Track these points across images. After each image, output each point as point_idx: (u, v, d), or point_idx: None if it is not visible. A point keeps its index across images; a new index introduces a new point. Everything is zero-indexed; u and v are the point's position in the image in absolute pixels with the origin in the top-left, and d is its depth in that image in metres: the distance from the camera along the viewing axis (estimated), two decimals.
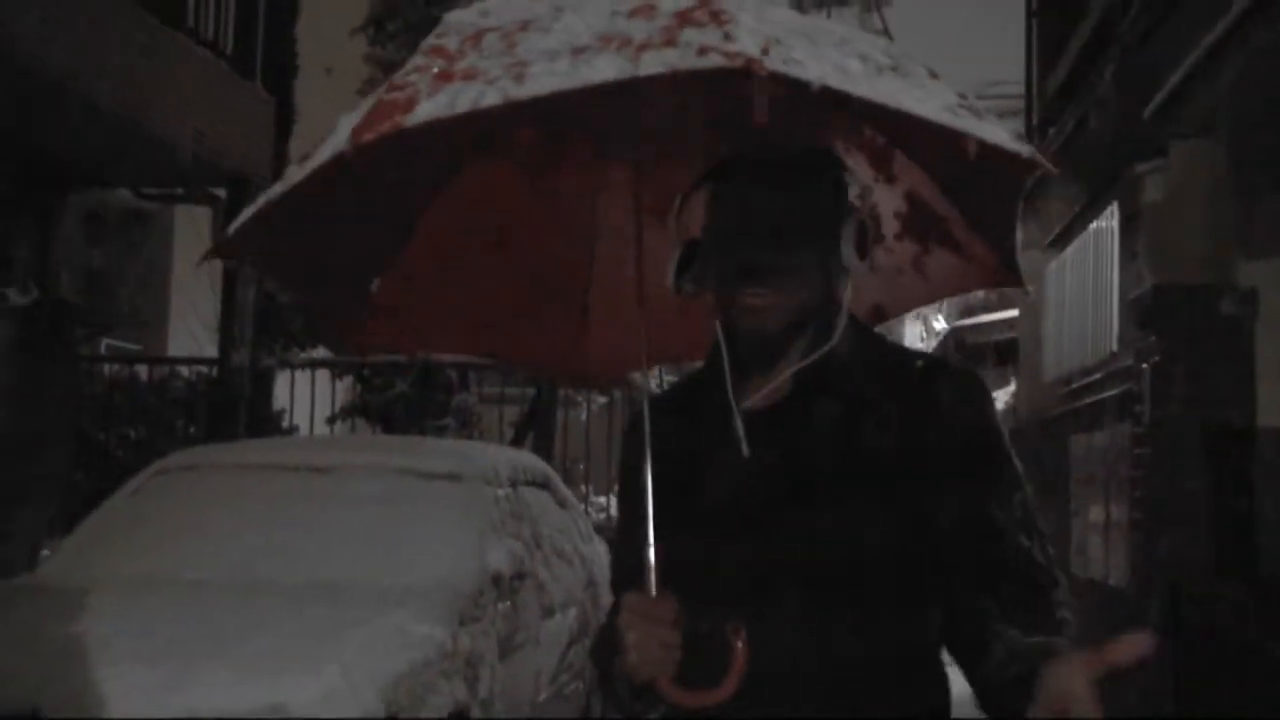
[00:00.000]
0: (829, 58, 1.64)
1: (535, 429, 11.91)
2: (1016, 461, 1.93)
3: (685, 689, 1.80)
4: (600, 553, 8.33)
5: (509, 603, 5.92)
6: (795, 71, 1.56)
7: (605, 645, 1.92)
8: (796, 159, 1.94)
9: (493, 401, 11.67)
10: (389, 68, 13.61)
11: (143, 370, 10.78)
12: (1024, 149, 1.72)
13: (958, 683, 1.94)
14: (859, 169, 2.05)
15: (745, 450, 1.92)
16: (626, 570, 2.00)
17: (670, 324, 2.18)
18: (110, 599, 5.16)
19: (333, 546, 5.69)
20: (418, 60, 1.79)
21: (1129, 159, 7.07)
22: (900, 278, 2.25)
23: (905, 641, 1.87)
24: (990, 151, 1.69)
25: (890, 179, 2.10)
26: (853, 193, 1.98)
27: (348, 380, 12.34)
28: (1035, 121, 11.74)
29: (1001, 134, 1.70)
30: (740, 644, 1.80)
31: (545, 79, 1.60)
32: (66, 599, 5.16)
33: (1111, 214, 8.03)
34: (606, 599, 8.16)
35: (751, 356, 1.98)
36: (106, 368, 10.83)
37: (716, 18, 1.62)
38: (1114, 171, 7.58)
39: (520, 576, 6.08)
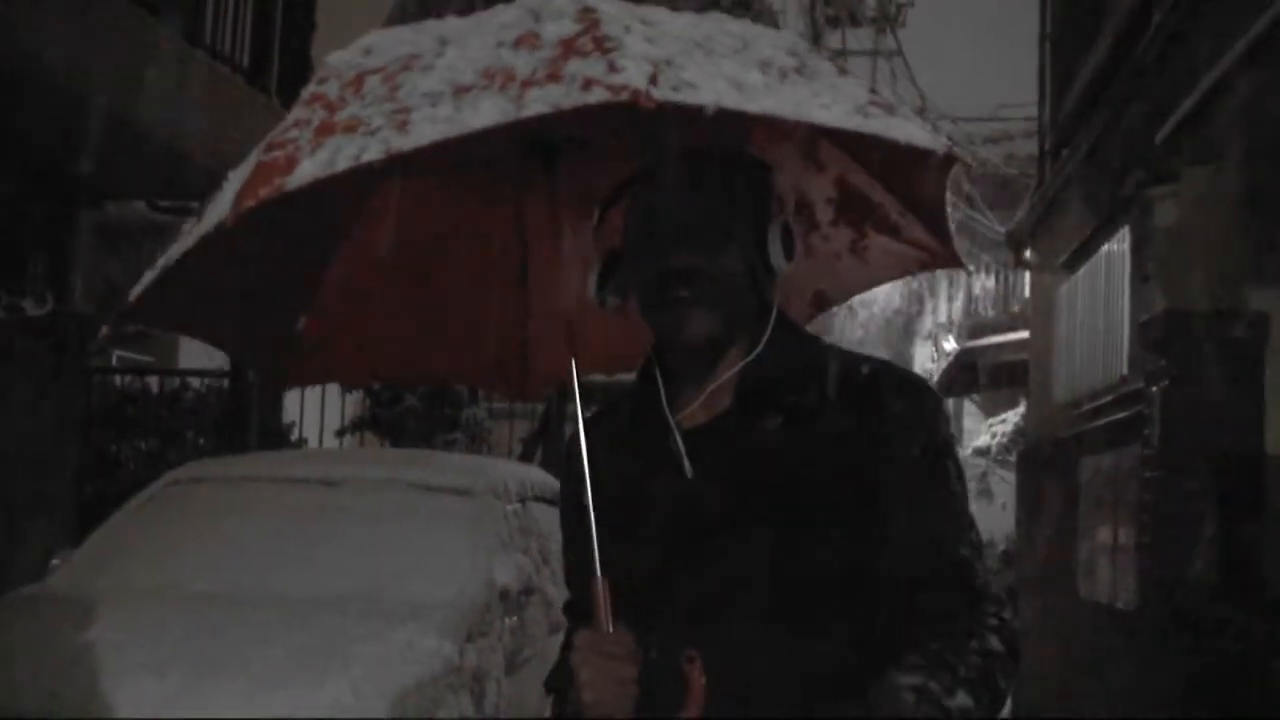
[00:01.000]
0: (725, 71, 1.59)
1: (544, 444, 11.92)
2: (963, 476, 1.89)
3: None
4: None
5: (516, 618, 5.92)
6: (686, 97, 1.51)
7: (556, 677, 1.89)
8: (716, 162, 1.87)
9: (502, 416, 11.69)
10: None
11: (154, 382, 10.79)
12: (938, 145, 1.68)
13: None
14: (786, 158, 2.00)
15: (687, 469, 1.86)
16: (575, 599, 1.98)
17: (613, 328, 2.14)
18: (120, 610, 5.17)
19: (341, 560, 5.70)
20: (298, 112, 1.72)
21: (1141, 183, 7.08)
22: (839, 263, 2.21)
23: (863, 654, 1.79)
24: (904, 148, 1.64)
25: (819, 167, 2.05)
26: (778, 194, 1.93)
27: (357, 394, 12.36)
28: (1048, 145, 11.76)
29: (913, 131, 1.65)
30: (696, 673, 1.75)
31: (427, 127, 1.54)
32: (76, 609, 5.17)
33: (1123, 237, 8.04)
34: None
35: (684, 369, 1.93)
36: (118, 379, 10.85)
37: (600, 44, 1.57)
38: (1126, 195, 7.59)
39: (528, 592, 6.09)
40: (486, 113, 1.52)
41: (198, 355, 13.13)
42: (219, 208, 1.68)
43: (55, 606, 5.36)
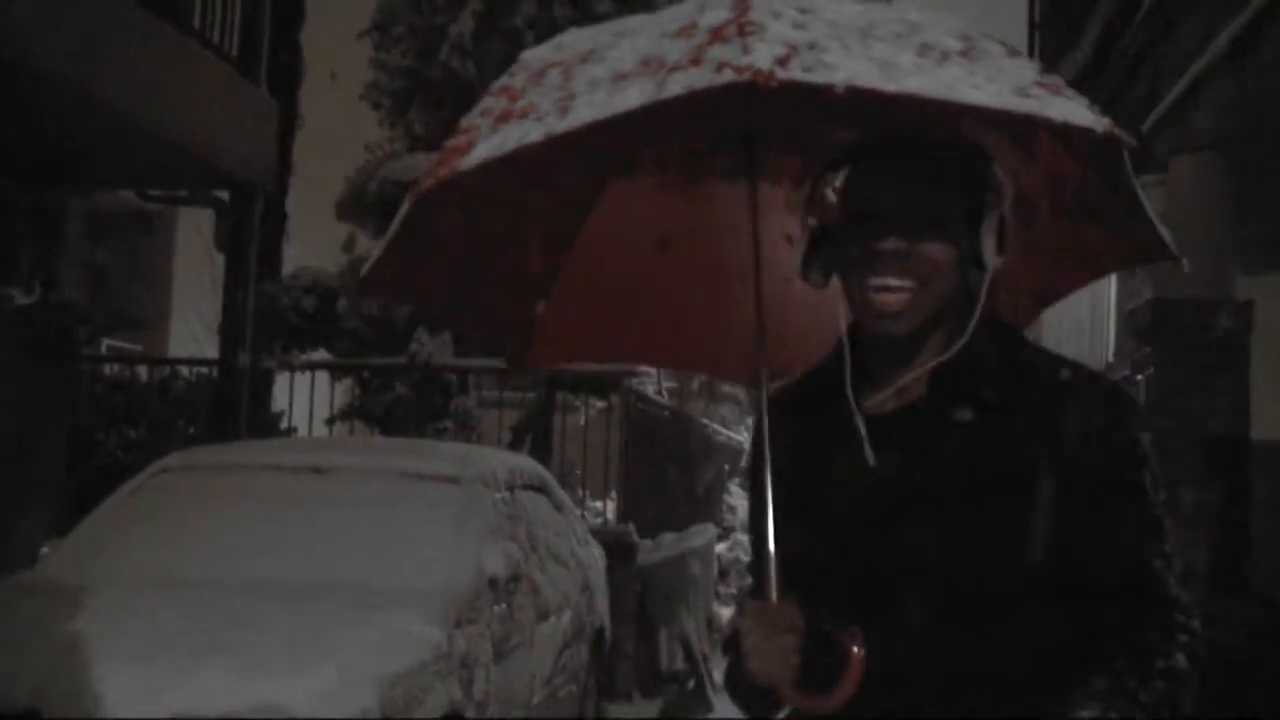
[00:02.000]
0: (876, 53, 1.63)
1: (533, 433, 11.93)
2: (1160, 489, 1.84)
3: (803, 693, 1.81)
4: (596, 557, 8.35)
5: (505, 605, 5.94)
6: (817, 77, 1.56)
7: (732, 645, 1.91)
8: (937, 147, 1.85)
9: (491, 405, 11.70)
10: (393, 72, 13.69)
11: (144, 371, 10.80)
12: (1098, 124, 1.64)
13: None
14: (1003, 150, 1.95)
15: (870, 456, 1.86)
16: (755, 572, 2.01)
17: (811, 318, 2.17)
18: (109, 597, 5.18)
19: (330, 547, 5.71)
20: (486, 102, 1.86)
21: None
22: (1060, 259, 2.19)
23: (1026, 659, 1.79)
24: (1067, 129, 1.66)
25: (1033, 158, 2.01)
26: (997, 185, 1.88)
27: (347, 382, 12.36)
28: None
29: (1073, 109, 1.64)
30: (856, 650, 1.79)
31: (583, 110, 1.66)
32: (65, 597, 5.18)
33: None
34: (601, 603, 8.22)
35: (878, 354, 1.91)
36: (108, 368, 10.85)
37: (743, 30, 1.64)
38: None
39: (516, 579, 6.10)
40: (633, 96, 1.63)
41: (188, 344, 13.14)
42: (413, 191, 1.84)
43: (44, 594, 5.37)
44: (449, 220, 1.93)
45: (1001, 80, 1.65)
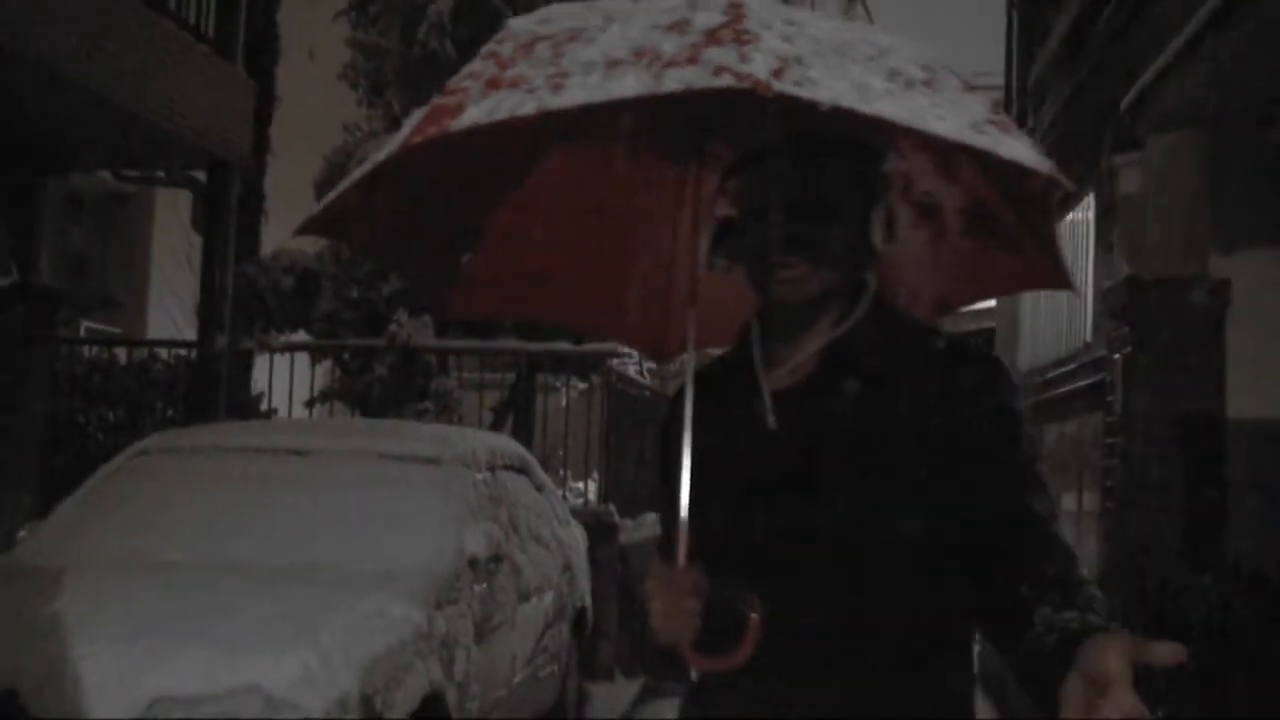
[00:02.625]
0: (852, 75, 1.74)
1: (515, 414, 11.93)
2: (1030, 440, 2.02)
3: (702, 654, 1.91)
4: (577, 537, 8.37)
5: (485, 586, 5.95)
6: (806, 92, 1.66)
7: (635, 613, 2.05)
8: (833, 145, 2.00)
9: (472, 386, 11.69)
10: (371, 51, 13.62)
11: (122, 353, 10.75)
12: (1043, 166, 1.78)
13: None
14: (922, 167, 2.13)
15: (771, 424, 2.01)
16: (665, 542, 2.11)
17: (727, 303, 2.27)
18: (87, 579, 5.17)
19: (310, 529, 5.71)
20: (474, 65, 1.92)
21: (1106, 150, 7.12)
22: (963, 273, 2.34)
23: (920, 618, 1.92)
24: (1013, 166, 1.78)
25: (954, 178, 2.16)
26: (885, 181, 2.06)
27: (327, 364, 12.34)
28: (1015, 112, 11.79)
29: (1022, 150, 1.78)
30: (754, 613, 1.90)
31: (577, 91, 1.74)
32: (43, 579, 5.17)
33: (1088, 205, 8.08)
34: (583, 583, 8.23)
35: (780, 333, 2.07)
36: (86, 350, 10.81)
37: (739, 38, 1.72)
38: (1091, 163, 7.63)
39: (497, 560, 6.11)
40: (629, 85, 1.72)
41: (166, 326, 13.10)
42: (396, 139, 1.90)
43: (23, 577, 5.36)
44: (414, 168, 1.99)
45: (960, 113, 1.77)
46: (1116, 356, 6.50)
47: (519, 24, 2.02)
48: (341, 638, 4.72)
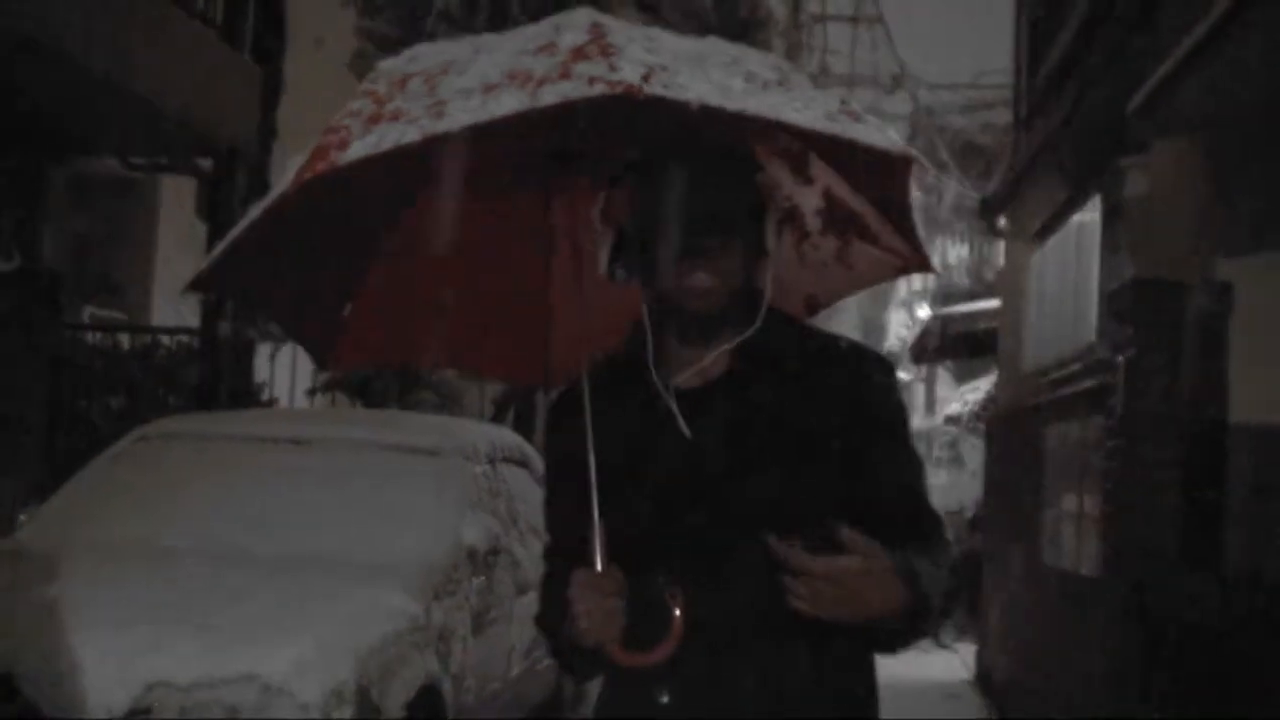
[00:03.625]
0: (714, 78, 1.85)
1: (516, 407, 11.93)
2: (910, 433, 2.20)
3: (628, 651, 2.00)
4: None
5: (483, 578, 5.96)
6: (675, 94, 1.77)
7: (550, 614, 2.13)
8: (719, 154, 2.07)
9: (473, 378, 11.69)
10: (379, 40, 13.59)
11: (125, 339, 10.75)
12: (895, 147, 1.94)
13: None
14: (779, 173, 2.22)
15: (684, 427, 2.07)
16: (560, 542, 2.23)
17: (611, 316, 2.33)
18: (86, 564, 5.18)
19: (309, 518, 5.72)
20: (352, 105, 2.02)
21: (1113, 153, 7.10)
22: (826, 270, 2.45)
23: None
24: (868, 151, 1.91)
25: (808, 180, 2.28)
26: (769, 188, 2.14)
27: None
28: (1023, 113, 11.77)
29: (875, 135, 1.91)
30: (677, 609, 1.99)
31: (459, 115, 1.84)
32: (43, 564, 5.18)
33: (1095, 207, 8.07)
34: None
35: (681, 337, 2.12)
36: (89, 336, 10.80)
37: (605, 51, 1.85)
38: (1098, 165, 7.61)
39: (495, 553, 6.12)
40: (507, 103, 1.81)
41: (169, 313, 13.08)
42: (282, 184, 1.99)
43: (23, 561, 5.37)
44: (292, 230, 2.09)
45: (815, 106, 1.91)
46: (1120, 359, 6.49)
47: (389, 65, 2.13)
48: (339, 627, 4.72)
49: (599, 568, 2.01)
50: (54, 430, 8.90)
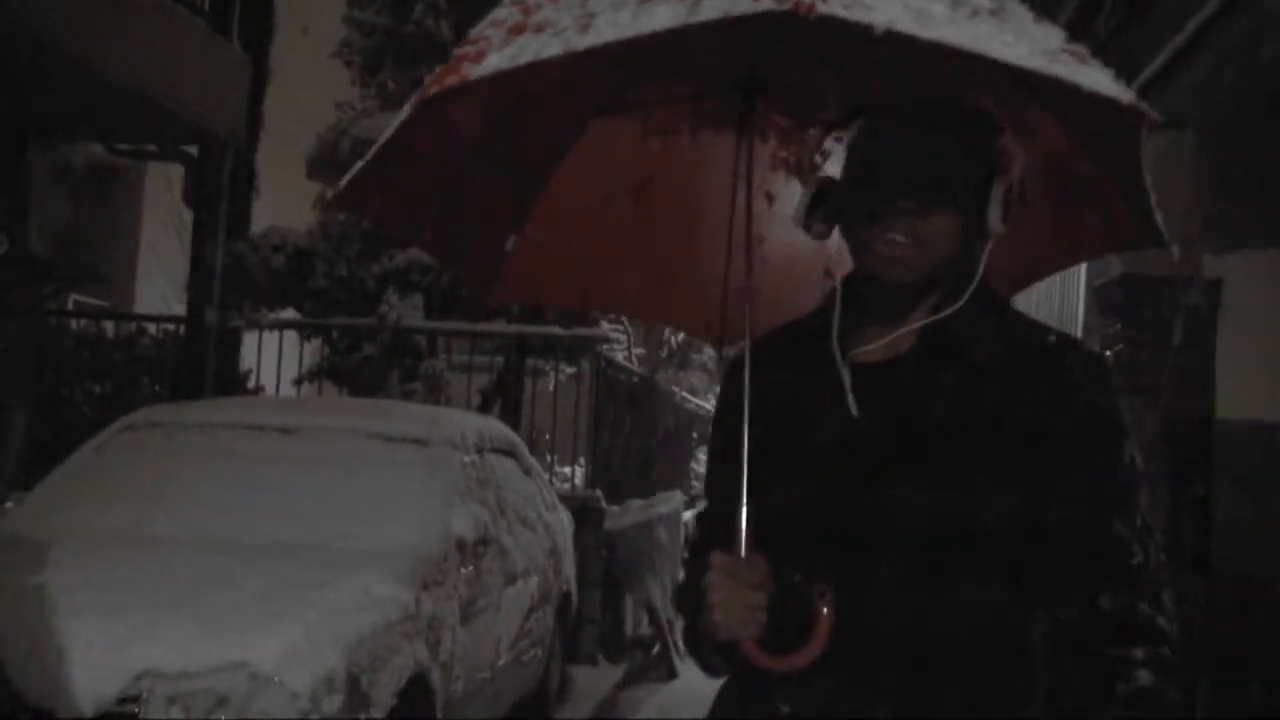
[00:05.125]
0: (910, 1, 1.58)
1: (503, 397, 11.91)
2: (1138, 459, 1.86)
3: (768, 652, 1.78)
4: (564, 522, 8.37)
5: (472, 568, 5.95)
6: (856, 15, 1.51)
7: (690, 597, 1.89)
8: (951, 112, 1.87)
9: (461, 368, 11.66)
10: (366, 30, 13.56)
11: (110, 326, 10.72)
12: (1124, 96, 1.63)
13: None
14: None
15: (851, 405, 1.86)
16: (714, 518, 1.99)
17: (787, 288, 2.16)
18: (73, 553, 5.16)
19: (297, 507, 5.70)
20: (499, 13, 1.79)
21: None
22: (1040, 239, 2.18)
23: (993, 626, 1.80)
24: (1094, 100, 1.62)
25: (1031, 136, 2.00)
26: (1007, 157, 1.90)
27: (316, 342, 12.31)
28: None
29: (1101, 79, 1.62)
30: (826, 609, 1.77)
31: (606, 29, 1.61)
32: (28, 551, 5.16)
33: None
34: (568, 568, 8.23)
35: (873, 307, 1.92)
36: (74, 323, 10.76)
37: None
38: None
39: (484, 542, 6.11)
40: (661, 18, 1.57)
41: (155, 301, 13.05)
42: (415, 95, 1.79)
43: (8, 549, 5.34)
44: (442, 135, 1.89)
45: (1030, 42, 1.62)
46: (1108, 354, 6.51)
47: None
48: (328, 616, 4.71)
49: (741, 553, 1.80)
50: (39, 418, 8.87)
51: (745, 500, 1.82)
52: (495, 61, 1.66)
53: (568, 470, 12.15)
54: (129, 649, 4.37)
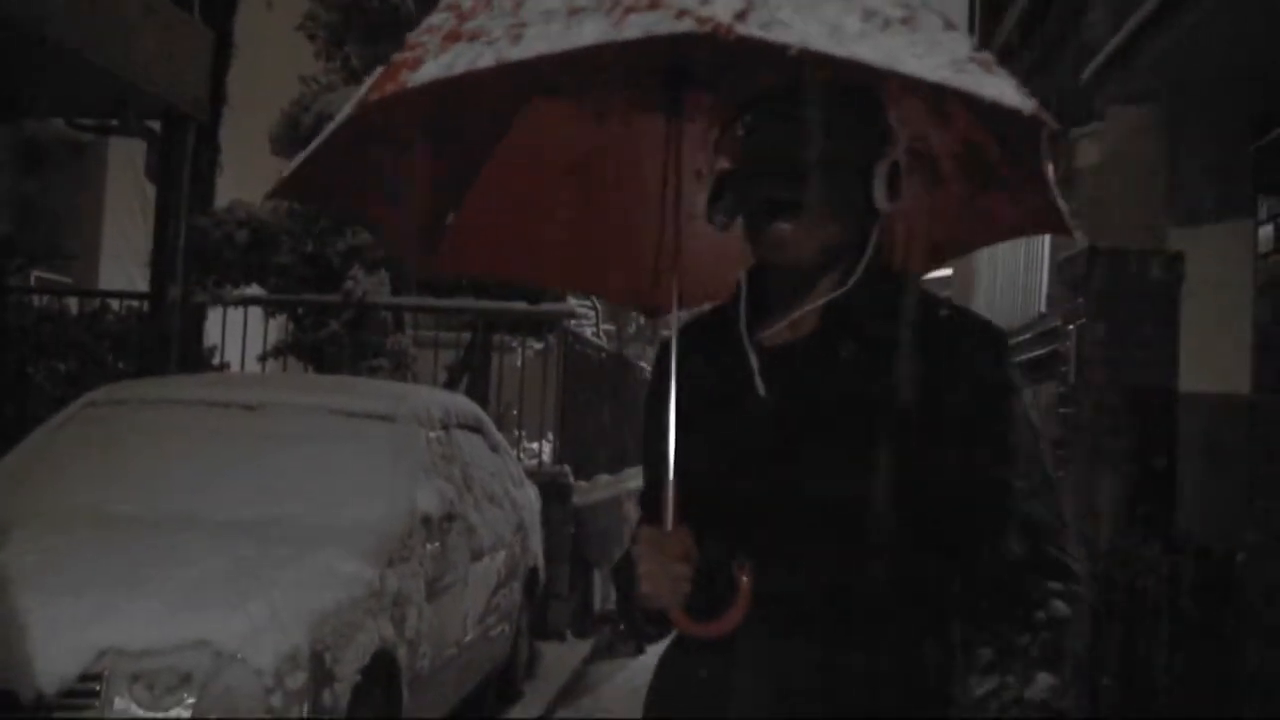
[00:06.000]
0: (825, 15, 1.65)
1: (470, 373, 11.89)
2: (1031, 417, 1.96)
3: (693, 619, 1.90)
4: (531, 498, 8.37)
5: (438, 544, 5.94)
6: (773, 35, 1.58)
7: (624, 571, 2.02)
8: (835, 95, 1.92)
9: (427, 344, 11.63)
10: (331, 3, 13.47)
11: (73, 303, 10.62)
12: (1026, 106, 1.69)
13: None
14: (915, 113, 2.05)
15: (759, 386, 1.96)
16: (649, 496, 2.10)
17: (722, 256, 2.23)
18: (35, 531, 5.13)
19: (262, 484, 5.68)
20: (433, 19, 1.87)
21: (1066, 123, 7.14)
22: (958, 220, 2.27)
23: (905, 586, 1.89)
24: (995, 109, 1.68)
25: (946, 123, 2.08)
26: (890, 134, 1.98)
27: (280, 318, 12.24)
28: None
29: (1005, 89, 1.68)
30: (745, 578, 1.88)
31: (537, 41, 1.68)
32: None
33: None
34: (536, 544, 8.23)
35: (775, 292, 2.02)
36: (36, 300, 10.66)
37: None
38: (1051, 135, 7.65)
39: (450, 519, 6.10)
40: (589, 33, 1.66)
41: (118, 277, 12.95)
42: (356, 97, 1.88)
43: None
44: (382, 125, 1.97)
45: (939, 53, 1.69)
46: (1071, 327, 6.54)
47: None
48: (292, 593, 4.70)
49: (668, 527, 1.92)
50: (1, 396, 8.80)
51: (671, 477, 1.93)
52: (432, 70, 1.74)
53: (535, 446, 12.14)
54: (91, 627, 4.35)
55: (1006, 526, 1.86)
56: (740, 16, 1.59)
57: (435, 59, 1.74)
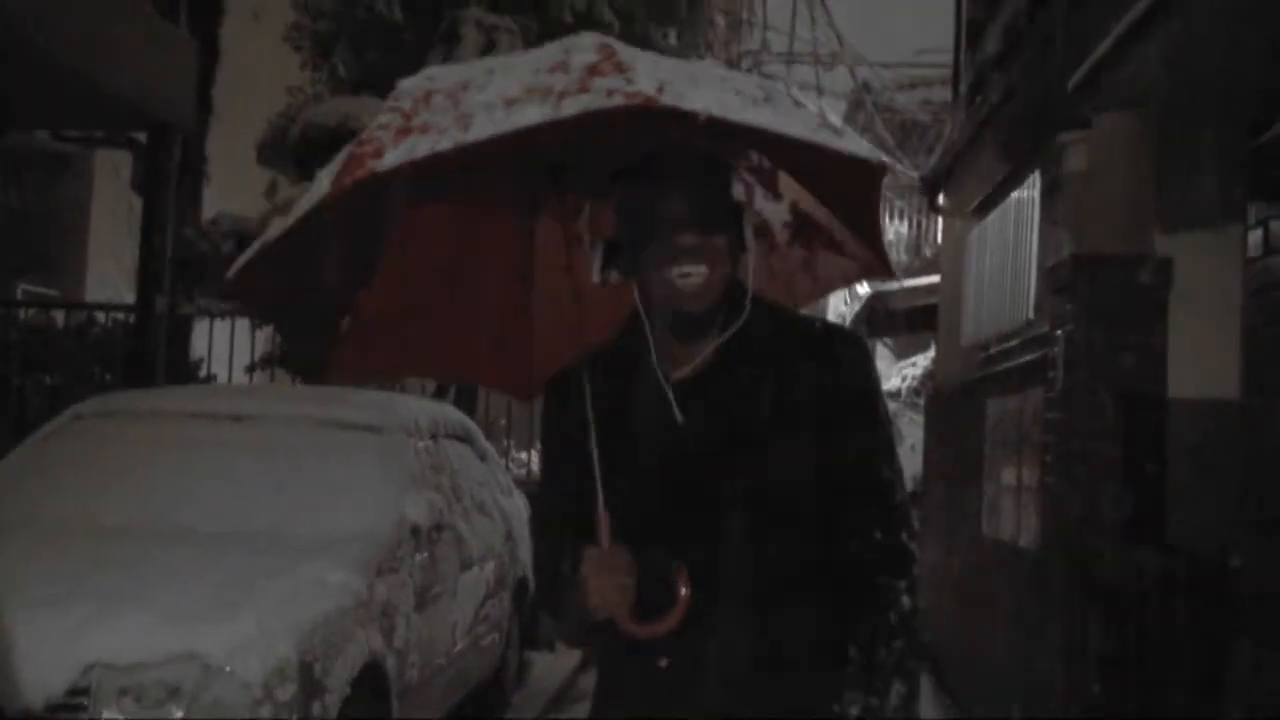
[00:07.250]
0: (712, 94, 1.99)
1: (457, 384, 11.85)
2: (886, 408, 2.35)
3: (639, 622, 2.18)
4: (520, 507, 8.35)
5: (427, 554, 5.93)
6: (686, 104, 1.92)
7: (554, 589, 2.30)
8: (698, 160, 2.23)
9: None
10: (316, 13, 13.44)
11: (59, 316, 10.59)
12: (874, 157, 2.14)
13: None
14: (751, 189, 2.45)
15: (679, 416, 2.24)
16: (551, 518, 2.43)
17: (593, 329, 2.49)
18: (22, 543, 5.11)
19: (250, 495, 5.66)
20: (381, 119, 2.14)
21: (1053, 129, 7.14)
22: (792, 279, 2.64)
23: (827, 563, 2.22)
24: (849, 161, 2.09)
25: (777, 195, 2.48)
26: (746, 191, 2.38)
27: (267, 330, 12.21)
28: (963, 90, 11.81)
29: (857, 144, 2.13)
30: (683, 581, 2.17)
31: (486, 125, 1.96)
32: None
33: (1033, 183, 8.11)
34: (525, 553, 8.21)
35: (675, 332, 2.28)
36: (22, 312, 10.63)
37: (619, 68, 2.02)
38: (1037, 141, 7.65)
39: (439, 529, 6.09)
40: (531, 114, 1.95)
41: (105, 289, 12.91)
42: (314, 194, 2.10)
43: None
44: (300, 243, 2.20)
45: (800, 122, 2.10)
46: (1059, 333, 6.54)
47: (409, 83, 2.26)
48: (280, 605, 4.68)
49: (604, 545, 2.18)
50: None
51: (601, 502, 2.20)
52: (394, 156, 1.99)
53: (524, 455, 12.11)
54: (78, 640, 4.33)
55: (876, 512, 2.24)
56: (659, 91, 1.93)
57: (394, 149, 2.01)
